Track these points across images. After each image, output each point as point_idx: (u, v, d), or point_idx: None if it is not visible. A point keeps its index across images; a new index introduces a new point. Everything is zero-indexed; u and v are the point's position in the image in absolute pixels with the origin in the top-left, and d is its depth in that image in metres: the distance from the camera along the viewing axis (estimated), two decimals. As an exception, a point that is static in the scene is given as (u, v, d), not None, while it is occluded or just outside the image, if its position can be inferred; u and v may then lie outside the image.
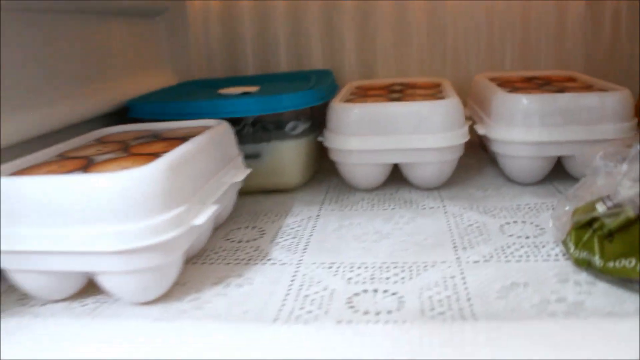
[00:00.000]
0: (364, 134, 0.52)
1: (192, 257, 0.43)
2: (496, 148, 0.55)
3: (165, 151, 0.38)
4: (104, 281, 0.35)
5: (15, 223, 0.34)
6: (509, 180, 0.56)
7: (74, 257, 0.34)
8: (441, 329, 0.31)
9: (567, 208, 0.39)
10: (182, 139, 0.43)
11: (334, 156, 0.55)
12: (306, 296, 0.35)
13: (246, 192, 0.54)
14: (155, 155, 0.37)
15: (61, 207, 0.33)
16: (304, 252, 0.42)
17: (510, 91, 0.55)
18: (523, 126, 0.52)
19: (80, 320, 0.35)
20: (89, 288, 0.38)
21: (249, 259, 0.42)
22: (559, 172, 0.55)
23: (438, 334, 0.30)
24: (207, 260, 0.42)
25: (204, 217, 0.36)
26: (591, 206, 0.36)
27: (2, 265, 0.36)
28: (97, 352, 0.31)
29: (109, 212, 0.33)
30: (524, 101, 0.52)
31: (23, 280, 0.36)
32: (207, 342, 0.31)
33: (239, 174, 0.46)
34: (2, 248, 0.34)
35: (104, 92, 0.56)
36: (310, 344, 0.30)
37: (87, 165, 0.38)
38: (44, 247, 0.34)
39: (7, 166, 0.38)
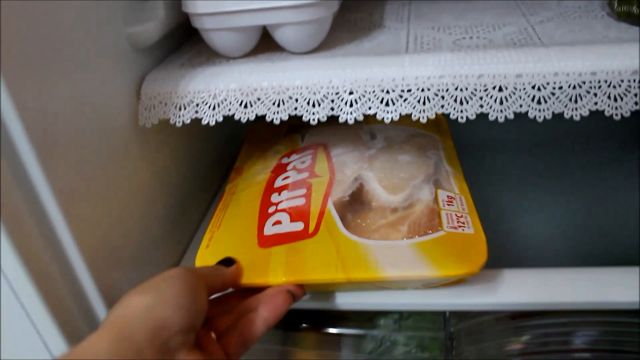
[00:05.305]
0: None
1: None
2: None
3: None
4: (280, 32, 0.50)
5: (214, -7, 0.48)
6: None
7: (261, 13, 0.48)
8: (522, 53, 0.45)
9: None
10: None
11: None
12: (422, 43, 0.50)
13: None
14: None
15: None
16: (409, 22, 0.56)
17: None
18: None
19: (262, 64, 0.50)
20: (259, 48, 0.53)
21: (369, 28, 0.56)
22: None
23: (519, 55, 0.45)
24: (337, 30, 0.56)
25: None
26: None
27: (204, 26, 0.50)
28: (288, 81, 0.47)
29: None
30: None
31: (217, 38, 0.51)
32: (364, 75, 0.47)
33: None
34: (206, 11, 0.49)
35: None
36: (432, 65, 0.45)
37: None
38: (239, 7, 0.48)
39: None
